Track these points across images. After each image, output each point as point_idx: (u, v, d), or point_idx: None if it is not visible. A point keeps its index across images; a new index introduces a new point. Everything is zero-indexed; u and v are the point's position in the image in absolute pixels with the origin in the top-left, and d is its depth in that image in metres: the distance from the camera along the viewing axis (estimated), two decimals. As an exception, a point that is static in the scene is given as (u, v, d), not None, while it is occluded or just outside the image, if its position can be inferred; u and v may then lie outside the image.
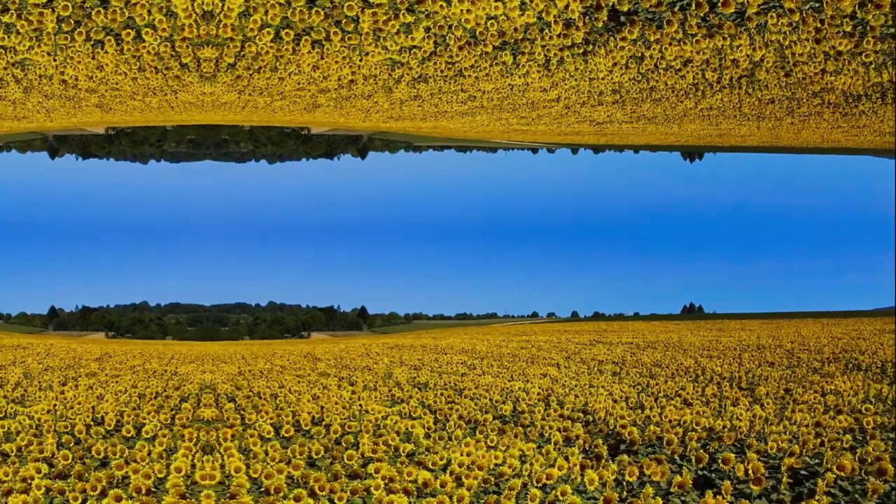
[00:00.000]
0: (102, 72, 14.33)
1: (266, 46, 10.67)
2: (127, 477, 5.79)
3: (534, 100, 17.72)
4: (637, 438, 6.89)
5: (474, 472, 5.42)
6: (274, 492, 5.34)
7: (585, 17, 9.18)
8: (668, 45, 10.37)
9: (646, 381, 11.81)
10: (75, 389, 11.62)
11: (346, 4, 8.83)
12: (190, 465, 6.03)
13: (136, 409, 9.23)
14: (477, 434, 7.16)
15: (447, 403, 9.64)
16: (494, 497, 5.00)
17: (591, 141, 37.52)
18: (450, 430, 7.81)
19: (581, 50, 10.95)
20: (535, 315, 56.13)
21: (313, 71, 13.31)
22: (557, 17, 9.23)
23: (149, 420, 8.25)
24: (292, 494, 5.12)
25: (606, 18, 9.03)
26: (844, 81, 12.76)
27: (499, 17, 9.39)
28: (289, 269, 69.38)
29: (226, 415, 8.67)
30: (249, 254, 65.71)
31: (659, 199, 70.40)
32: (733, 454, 5.95)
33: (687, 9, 8.69)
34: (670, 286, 73.81)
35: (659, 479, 5.49)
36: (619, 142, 36.63)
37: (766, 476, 5.92)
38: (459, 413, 8.60)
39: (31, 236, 68.13)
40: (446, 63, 12.13)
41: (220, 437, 7.05)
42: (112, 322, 50.29)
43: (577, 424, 7.52)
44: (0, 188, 65.34)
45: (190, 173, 66.95)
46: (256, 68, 12.96)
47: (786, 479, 5.67)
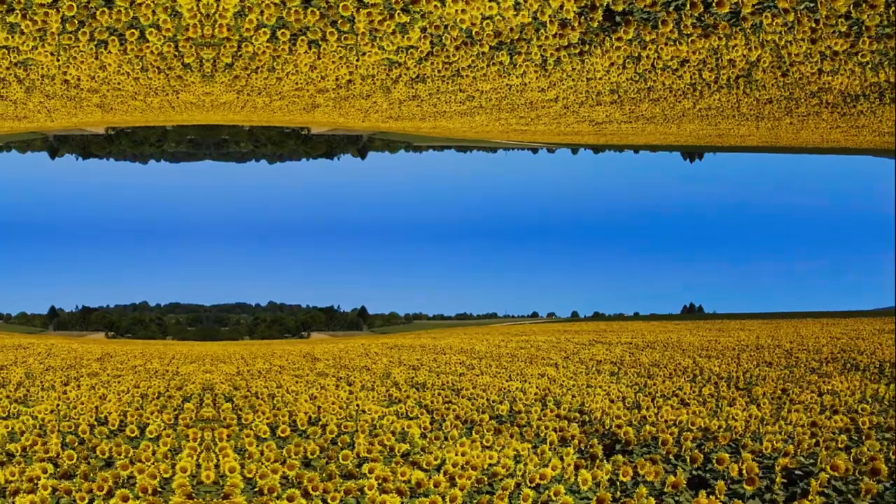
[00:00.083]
0: (105, 72, 14.35)
1: (262, 46, 10.69)
2: (132, 477, 5.80)
3: (532, 100, 17.72)
4: (632, 438, 6.89)
5: (468, 472, 5.42)
6: (268, 492, 5.34)
7: (581, 17, 9.19)
8: (663, 45, 10.38)
9: (643, 382, 11.81)
10: (78, 389, 11.62)
11: (341, 4, 8.84)
12: (195, 465, 6.05)
13: (139, 409, 9.24)
14: (473, 434, 7.16)
15: (444, 403, 9.64)
16: (487, 497, 5.00)
17: (590, 141, 37.51)
18: (446, 430, 7.82)
19: (577, 50, 10.96)
20: (535, 315, 56.15)
21: (311, 71, 13.32)
22: (553, 17, 9.24)
23: (152, 420, 8.26)
24: (286, 494, 5.13)
25: (602, 18, 9.05)
26: (842, 81, 12.76)
27: (494, 18, 9.40)
28: (289, 269, 69.44)
29: (223, 415, 8.68)
30: (249, 254, 65.75)
31: (659, 199, 70.43)
32: (728, 454, 5.96)
33: (682, 9, 8.70)
34: (670, 286, 73.84)
35: (653, 479, 5.49)
36: (619, 142, 36.63)
37: (760, 476, 5.92)
38: (456, 413, 8.60)
39: (31, 236, 68.22)
40: (443, 63, 12.14)
41: (217, 437, 7.06)
42: (112, 322, 50.33)
43: (573, 424, 7.52)
44: (0, 188, 65.41)
45: (190, 173, 67.08)
46: (254, 68, 12.97)
47: (779, 479, 5.68)
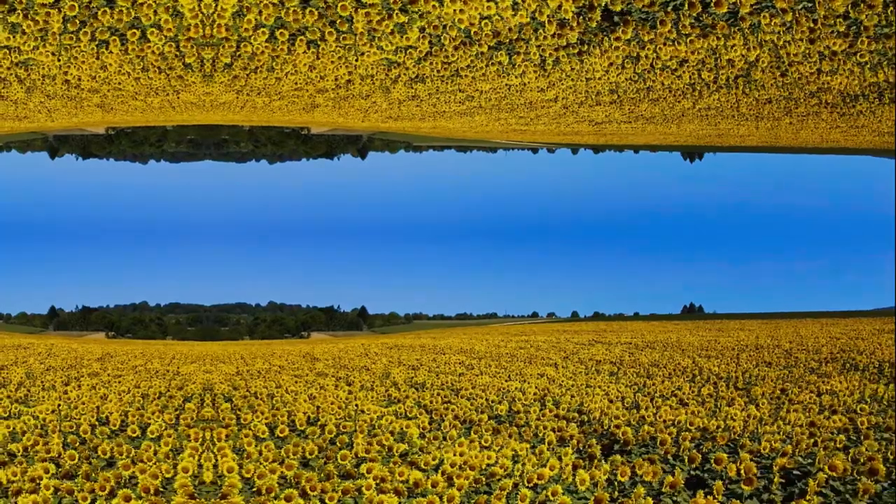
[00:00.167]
0: (106, 72, 14.36)
1: (261, 46, 10.69)
2: (134, 477, 5.80)
3: (532, 100, 17.72)
4: (631, 438, 6.89)
5: (466, 472, 5.42)
6: (265, 492, 5.34)
7: (579, 17, 9.19)
8: (662, 45, 10.38)
9: (643, 382, 11.81)
10: (78, 389, 11.62)
11: (339, 4, 8.84)
12: (197, 465, 6.05)
13: (140, 409, 9.24)
14: (471, 434, 7.16)
15: (443, 403, 9.64)
16: (485, 497, 5.00)
17: (590, 141, 37.50)
18: (445, 430, 7.82)
19: (576, 50, 10.96)
20: (535, 315, 56.13)
21: (310, 71, 13.32)
22: (551, 17, 9.23)
23: (153, 420, 8.26)
24: (283, 494, 5.13)
25: (600, 18, 9.04)
26: (841, 81, 12.76)
27: (493, 17, 9.39)
28: (289, 269, 69.39)
29: (221, 415, 8.68)
30: (249, 254, 65.70)
31: (659, 199, 70.36)
32: (726, 454, 5.96)
33: (680, 9, 8.70)
34: (670, 286, 73.76)
35: (650, 479, 5.49)
36: (619, 142, 36.63)
37: (758, 476, 5.92)
38: (455, 413, 8.60)
39: (31, 236, 68.18)
40: (442, 63, 12.14)
41: (215, 437, 7.06)
42: (112, 322, 50.33)
43: (571, 424, 7.52)
44: (0, 188, 65.39)
45: (190, 173, 67.05)
46: (253, 68, 12.97)
47: (777, 479, 5.68)
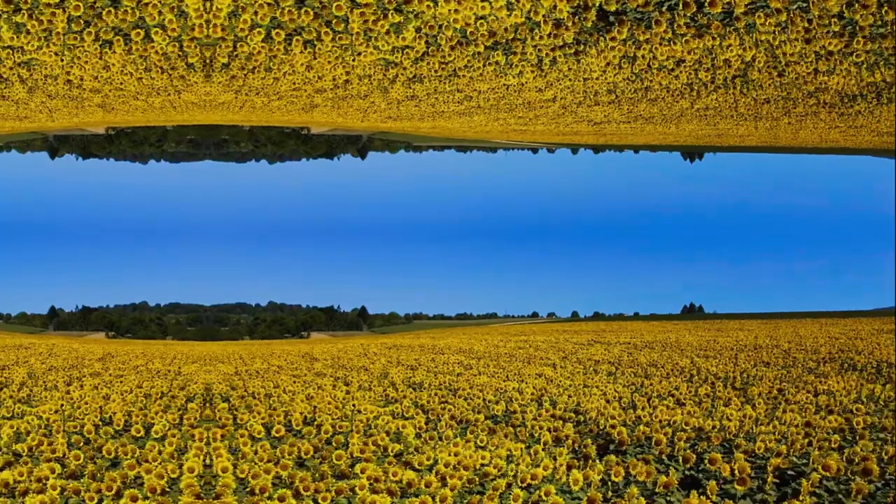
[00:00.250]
0: (108, 72, 14.36)
1: (258, 46, 10.69)
2: (140, 477, 5.81)
3: (530, 100, 17.72)
4: (626, 438, 6.89)
5: (459, 473, 5.42)
6: (259, 492, 5.35)
7: (574, 17, 9.19)
8: (658, 45, 10.38)
9: (640, 381, 11.80)
10: (81, 389, 11.63)
11: (334, 4, 8.84)
12: (202, 464, 6.06)
13: (144, 409, 9.24)
14: (467, 434, 7.16)
15: (440, 403, 9.64)
16: (478, 497, 5.00)
17: (590, 141, 37.50)
18: (441, 430, 7.82)
19: (572, 50, 10.96)
20: (535, 315, 56.11)
21: (307, 71, 13.32)
22: (546, 17, 9.24)
23: (157, 420, 8.26)
24: (277, 494, 5.13)
25: (595, 18, 9.03)
26: (838, 81, 12.76)
27: (488, 17, 9.40)
28: (289, 269, 69.32)
29: (218, 415, 8.69)
30: (249, 254, 65.63)
31: (659, 199, 70.24)
32: (721, 454, 5.96)
33: (675, 9, 8.70)
34: (670, 286, 73.63)
35: (644, 479, 5.49)
36: (619, 142, 36.62)
37: (752, 476, 5.92)
38: (452, 413, 8.60)
39: (31, 236, 68.14)
40: (439, 63, 12.15)
41: (210, 436, 7.07)
42: (112, 322, 50.33)
43: (567, 424, 7.52)
44: (0, 188, 65.37)
45: (190, 173, 66.97)
46: (251, 68, 12.98)
47: (771, 479, 5.67)
